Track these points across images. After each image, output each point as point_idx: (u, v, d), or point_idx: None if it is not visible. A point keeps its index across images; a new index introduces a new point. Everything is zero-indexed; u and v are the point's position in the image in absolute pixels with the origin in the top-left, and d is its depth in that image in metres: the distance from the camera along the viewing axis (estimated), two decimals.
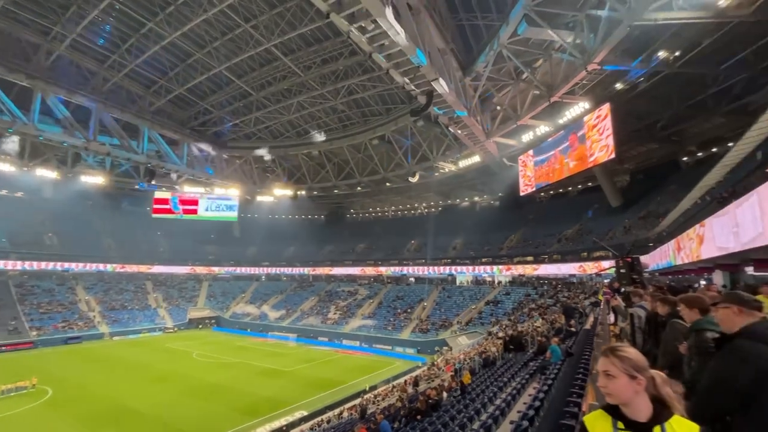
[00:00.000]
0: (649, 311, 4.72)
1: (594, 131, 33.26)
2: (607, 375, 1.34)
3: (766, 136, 12.66)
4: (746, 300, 2.17)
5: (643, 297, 5.21)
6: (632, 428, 1.31)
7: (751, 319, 2.08)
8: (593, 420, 1.39)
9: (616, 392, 1.34)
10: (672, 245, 22.47)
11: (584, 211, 46.88)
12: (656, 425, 1.29)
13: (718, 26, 20.95)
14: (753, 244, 10.93)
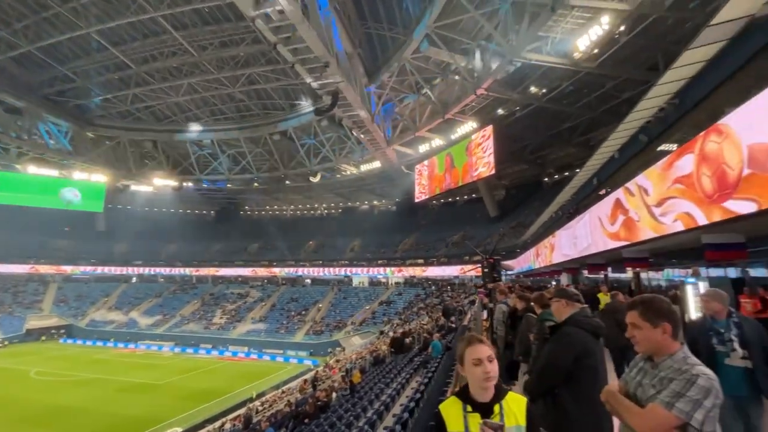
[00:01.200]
0: (511, 307, 5.52)
1: (479, 149, 37.43)
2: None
3: (600, 166, 15.91)
4: (571, 295, 2.73)
5: (507, 295, 6.09)
6: (478, 409, 1.53)
7: (573, 310, 2.62)
8: (447, 407, 1.58)
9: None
10: (533, 252, 26.55)
11: (469, 219, 52.27)
12: (496, 403, 1.53)
13: (574, 73, 25.57)
14: (586, 252, 13.78)
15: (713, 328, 3.25)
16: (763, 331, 3.17)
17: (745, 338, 3.08)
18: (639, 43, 21.79)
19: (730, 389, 2.84)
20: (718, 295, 3.37)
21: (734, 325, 3.18)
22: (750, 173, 5.65)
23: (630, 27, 20.83)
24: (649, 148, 11.89)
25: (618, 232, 11.27)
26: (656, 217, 8.57)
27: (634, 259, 12.27)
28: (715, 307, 3.30)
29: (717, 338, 3.18)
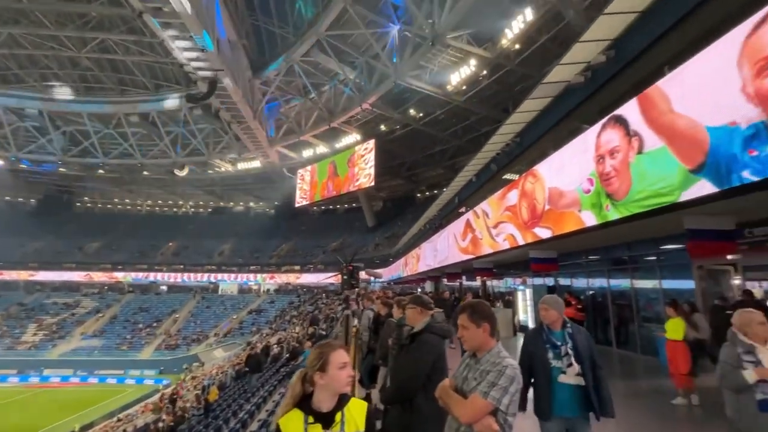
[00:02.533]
0: (376, 312, 5.76)
1: (361, 161, 38.79)
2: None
3: (460, 187, 18.18)
4: (425, 302, 2.81)
5: (374, 301, 6.36)
6: (320, 419, 1.50)
7: (427, 318, 2.73)
8: (287, 421, 1.48)
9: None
10: (402, 261, 28.61)
11: (348, 228, 53.40)
12: (338, 411, 1.52)
13: (446, 103, 28.81)
14: (444, 263, 15.68)
15: (550, 339, 2.89)
16: (593, 343, 2.97)
17: (578, 351, 2.80)
18: (496, 88, 25.90)
19: (562, 410, 2.74)
20: (556, 302, 2.98)
21: (569, 337, 2.86)
22: (549, 209, 7.86)
23: (490, 73, 24.62)
24: (498, 175, 14.14)
25: (467, 247, 13.51)
26: (493, 237, 10.96)
27: (482, 269, 14.32)
28: (552, 315, 2.93)
29: (553, 351, 2.84)
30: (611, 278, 10.17)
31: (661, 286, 8.55)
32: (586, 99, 8.78)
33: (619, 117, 6.05)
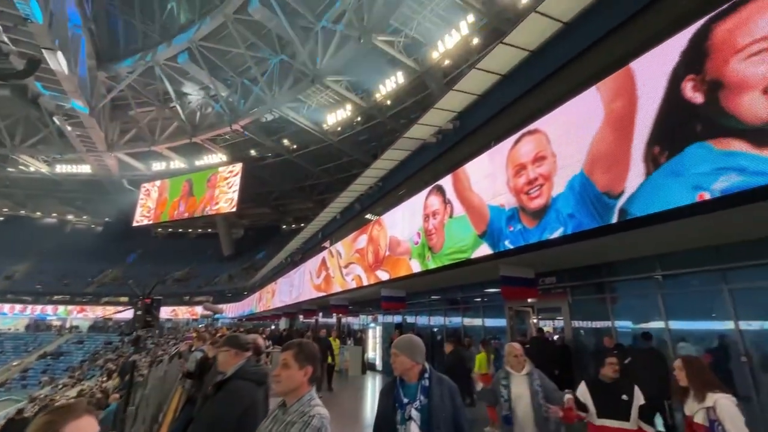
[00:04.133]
0: (205, 354, 5.03)
1: (224, 183, 35.84)
2: None
3: (325, 223, 18.34)
4: (242, 344, 2.42)
5: (205, 341, 5.58)
6: None
7: (242, 361, 2.35)
8: None
9: None
10: (257, 295, 26.67)
11: (199, 255, 47.47)
12: None
13: (321, 140, 29.43)
14: (298, 299, 15.36)
15: (399, 396, 2.15)
16: (459, 401, 2.18)
17: (431, 413, 2.05)
18: (368, 134, 27.85)
19: None
20: (409, 345, 2.19)
21: (422, 392, 2.11)
22: (388, 254, 9.26)
23: (364, 120, 26.44)
24: (361, 214, 14.81)
25: (321, 284, 13.83)
26: (344, 276, 11.75)
27: (338, 306, 14.34)
28: (403, 364, 2.15)
29: (400, 412, 2.11)
30: (448, 316, 11.39)
31: (484, 324, 9.94)
32: (436, 157, 10.08)
33: (440, 186, 7.88)
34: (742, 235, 4.82)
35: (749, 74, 3.52)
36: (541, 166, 5.62)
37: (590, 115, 4.98)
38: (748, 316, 5.08)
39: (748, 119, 3.50)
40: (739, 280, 5.10)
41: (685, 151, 3.93)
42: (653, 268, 5.91)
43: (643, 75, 4.45)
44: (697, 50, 3.94)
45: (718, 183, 3.63)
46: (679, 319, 5.81)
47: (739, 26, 3.66)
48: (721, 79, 3.72)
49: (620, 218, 4.47)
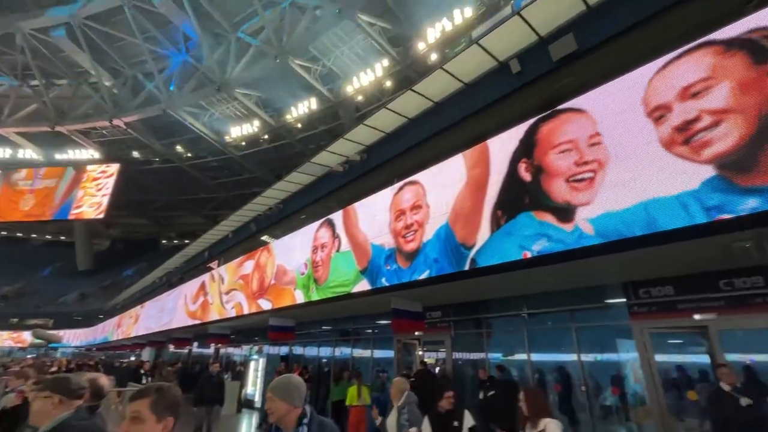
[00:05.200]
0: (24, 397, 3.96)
1: (93, 184, 30.51)
2: None
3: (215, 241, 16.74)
4: (71, 388, 1.93)
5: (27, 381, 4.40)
6: None
7: (67, 412, 1.87)
8: None
9: None
10: (115, 321, 22.61)
11: (41, 266, 38.62)
12: None
13: (221, 152, 27.39)
14: (167, 326, 13.58)
15: None
16: None
17: None
18: (274, 154, 26.92)
19: None
20: (286, 388, 1.88)
21: None
22: (274, 283, 9.20)
23: (272, 139, 25.58)
24: (256, 235, 13.91)
25: (196, 311, 12.59)
26: (223, 303, 11.07)
27: (217, 335, 12.91)
28: (279, 409, 1.84)
29: None
30: (337, 347, 11.14)
31: (373, 356, 9.95)
32: (342, 186, 10.16)
33: (330, 220, 8.28)
34: (584, 283, 5.82)
35: (558, 165, 4.76)
36: (417, 214, 6.43)
37: (456, 177, 5.94)
38: (587, 350, 6.06)
39: (555, 198, 4.67)
40: (582, 319, 6.09)
41: (517, 217, 5.02)
42: (521, 307, 6.72)
43: (495, 152, 5.56)
44: (529, 141, 5.14)
45: (536, 245, 4.71)
46: (539, 352, 6.64)
47: (555, 128, 4.93)
48: (542, 166, 4.90)
49: (471, 266, 5.38)
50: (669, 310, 5.15)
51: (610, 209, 4.20)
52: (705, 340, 4.95)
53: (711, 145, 3.68)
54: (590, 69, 5.80)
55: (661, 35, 5.12)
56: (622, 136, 4.30)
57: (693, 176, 3.72)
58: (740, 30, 3.78)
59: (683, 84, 3.95)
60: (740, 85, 3.66)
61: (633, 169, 4.14)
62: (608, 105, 4.51)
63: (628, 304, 5.49)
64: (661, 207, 3.85)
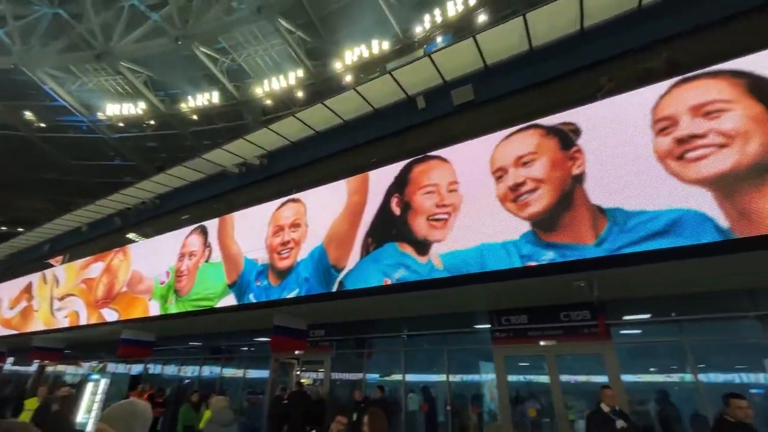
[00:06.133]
0: None
1: None
2: None
3: (62, 233, 13.75)
4: None
5: None
6: None
7: None
8: None
9: None
10: None
11: None
12: None
13: (90, 131, 23.11)
14: None
15: None
16: None
17: None
18: (159, 143, 23.82)
19: None
20: (125, 414, 1.43)
21: None
22: (125, 291, 8.23)
23: (158, 126, 22.64)
24: (121, 232, 11.85)
25: (12, 318, 10.25)
26: (53, 311, 9.64)
27: (45, 349, 10.42)
28: None
29: None
30: (204, 366, 9.97)
31: (245, 375, 9.15)
32: (234, 189, 9.43)
33: (203, 227, 7.79)
34: (458, 308, 6.36)
35: (423, 204, 5.48)
36: (296, 232, 6.54)
37: (338, 200, 6.26)
38: (455, 372, 6.55)
39: (416, 233, 5.33)
40: (454, 342, 6.60)
41: (384, 246, 5.54)
42: (402, 328, 6.98)
43: (374, 183, 6.05)
44: (404, 178, 5.80)
45: (396, 273, 5.27)
46: (414, 373, 6.93)
47: (424, 171, 5.70)
48: (410, 202, 5.57)
49: (339, 288, 5.68)
50: (522, 337, 5.93)
51: (456, 248, 4.94)
52: (545, 363, 5.80)
53: (530, 205, 4.65)
54: (481, 119, 6.58)
55: (528, 107, 6.09)
56: (471, 187, 5.16)
57: (516, 229, 4.64)
58: (557, 121, 4.86)
59: (517, 154, 4.96)
60: (552, 162, 4.71)
61: (475, 217, 4.95)
62: (467, 159, 5.37)
63: (492, 330, 6.16)
64: (491, 251, 4.71)
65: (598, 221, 4.24)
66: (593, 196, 4.35)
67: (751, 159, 3.67)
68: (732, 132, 3.82)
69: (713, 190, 3.76)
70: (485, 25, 13.38)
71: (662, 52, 5.23)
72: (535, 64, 6.28)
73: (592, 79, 5.69)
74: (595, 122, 4.65)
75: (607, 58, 5.73)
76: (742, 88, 3.97)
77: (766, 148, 3.64)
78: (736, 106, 3.91)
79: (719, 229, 3.66)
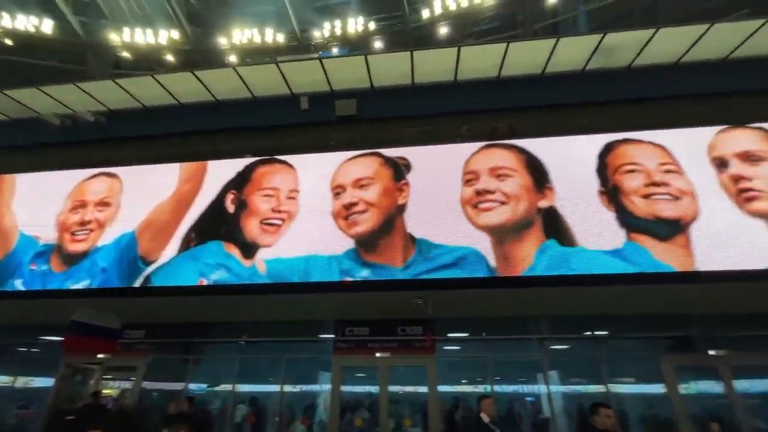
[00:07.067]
0: None
1: None
2: None
3: None
4: None
5: None
6: None
7: None
8: None
9: None
10: None
11: None
12: None
13: None
14: None
15: None
16: None
17: None
18: None
19: None
20: None
21: None
22: None
23: None
24: None
25: None
26: None
27: None
28: None
29: None
30: None
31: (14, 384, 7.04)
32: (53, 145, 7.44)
33: None
34: (304, 316, 6.24)
35: (259, 206, 5.42)
36: (102, 212, 5.73)
37: (165, 184, 5.73)
38: (293, 382, 6.34)
39: (247, 235, 5.23)
40: (295, 351, 6.41)
41: (207, 243, 5.29)
42: (240, 333, 6.46)
43: (212, 175, 5.73)
44: (245, 176, 5.67)
45: (215, 274, 5.07)
46: (248, 383, 6.42)
47: (267, 173, 5.69)
48: (246, 202, 5.48)
49: (143, 284, 5.12)
50: (362, 348, 6.16)
51: (283, 255, 5.05)
52: (379, 374, 6.12)
53: (358, 225, 5.14)
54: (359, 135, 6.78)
55: (399, 134, 6.57)
56: (310, 198, 5.38)
57: (341, 244, 5.03)
58: (395, 153, 5.58)
59: (356, 176, 5.46)
60: (385, 189, 5.35)
61: (308, 227, 5.16)
62: (312, 170, 5.59)
63: (335, 340, 6.22)
64: (317, 263, 4.99)
65: (408, 248, 4.94)
66: (409, 225, 5.07)
67: (518, 217, 4.88)
68: (511, 194, 5.02)
69: (491, 236, 4.82)
70: (379, 50, 14.14)
71: (507, 119, 6.36)
72: (414, 98, 6.86)
73: (456, 124, 6.51)
74: (424, 162, 5.48)
75: (472, 110, 6.64)
76: (523, 162, 5.27)
77: (529, 210, 4.90)
78: (516, 174, 5.17)
79: (489, 267, 4.67)
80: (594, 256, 4.58)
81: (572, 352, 6.13)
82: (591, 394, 5.68)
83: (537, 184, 5.10)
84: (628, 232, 4.68)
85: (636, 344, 5.96)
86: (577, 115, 6.23)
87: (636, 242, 4.61)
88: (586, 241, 4.67)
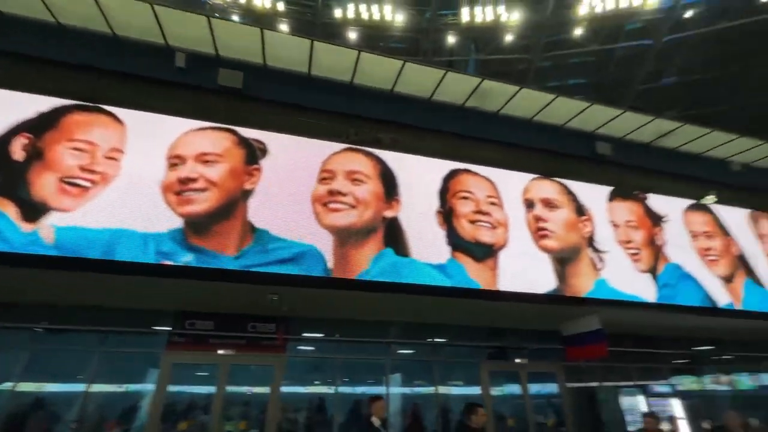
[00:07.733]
0: None
1: None
2: None
3: None
4: None
5: None
6: None
7: None
8: None
9: None
10: None
11: None
12: None
13: None
14: None
15: None
16: None
17: None
18: None
19: None
20: None
21: None
22: None
23: None
24: None
25: None
26: None
27: None
28: None
29: None
30: None
31: None
32: None
33: None
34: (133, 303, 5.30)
35: (61, 160, 4.28)
36: None
37: None
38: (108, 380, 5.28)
39: (33, 193, 4.12)
40: (114, 344, 5.38)
41: None
42: (38, 320, 5.20)
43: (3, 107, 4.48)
44: (50, 119, 4.55)
45: None
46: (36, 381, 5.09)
47: (82, 123, 4.68)
48: (43, 152, 4.31)
49: None
50: (202, 344, 5.52)
51: (81, 224, 4.14)
52: (218, 373, 5.55)
53: (192, 203, 4.58)
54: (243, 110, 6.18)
55: (282, 121, 6.21)
56: (137, 163, 4.56)
57: (165, 222, 4.33)
58: (252, 135, 5.23)
59: (201, 150, 4.88)
60: (232, 171, 4.92)
61: (123, 196, 4.35)
62: (146, 130, 4.77)
63: (170, 333, 5.43)
64: (127, 238, 4.18)
65: (245, 237, 4.62)
66: (251, 214, 4.77)
67: (364, 222, 5.07)
68: (361, 199, 5.21)
69: (335, 236, 4.90)
70: (282, 32, 13.34)
71: (390, 131, 6.63)
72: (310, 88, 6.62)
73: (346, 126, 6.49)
74: (280, 151, 5.27)
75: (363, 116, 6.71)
76: (379, 171, 5.55)
77: (375, 218, 5.16)
78: (370, 182, 5.40)
79: (326, 267, 4.70)
80: (421, 267, 5.03)
81: (412, 356, 6.60)
82: (423, 395, 6.21)
83: (387, 194, 5.40)
84: (453, 250, 5.30)
85: (465, 351, 6.77)
86: (439, 141, 6.89)
87: (456, 260, 5.24)
88: (418, 254, 5.11)
